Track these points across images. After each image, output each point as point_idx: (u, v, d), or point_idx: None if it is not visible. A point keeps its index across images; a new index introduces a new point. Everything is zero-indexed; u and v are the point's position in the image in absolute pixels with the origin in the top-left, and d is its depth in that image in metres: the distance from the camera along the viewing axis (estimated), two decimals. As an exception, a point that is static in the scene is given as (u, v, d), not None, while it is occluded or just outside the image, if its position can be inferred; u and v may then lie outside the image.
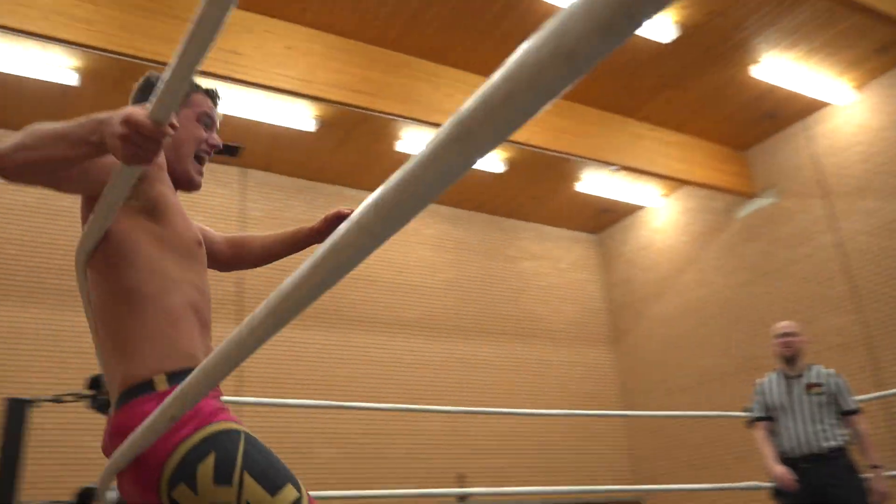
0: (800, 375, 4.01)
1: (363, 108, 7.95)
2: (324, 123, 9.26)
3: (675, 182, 10.54)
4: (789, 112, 9.75)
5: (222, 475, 1.33)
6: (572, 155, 9.21)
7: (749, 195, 10.39)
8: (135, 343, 1.48)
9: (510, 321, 11.67)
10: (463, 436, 10.47)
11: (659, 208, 11.87)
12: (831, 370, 4.02)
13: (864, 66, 8.89)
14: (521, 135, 8.67)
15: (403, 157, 10.65)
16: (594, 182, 10.95)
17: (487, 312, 11.55)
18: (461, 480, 10.04)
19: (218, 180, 9.85)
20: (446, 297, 11.31)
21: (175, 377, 1.44)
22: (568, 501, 10.71)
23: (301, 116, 8.96)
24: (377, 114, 8.14)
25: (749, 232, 10.43)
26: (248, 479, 1.33)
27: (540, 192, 11.53)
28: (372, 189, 9.15)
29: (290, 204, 10.56)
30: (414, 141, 9.94)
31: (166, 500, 1.34)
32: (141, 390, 1.43)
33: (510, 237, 12.25)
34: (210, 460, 1.34)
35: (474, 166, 0.53)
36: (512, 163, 10.45)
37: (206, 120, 1.73)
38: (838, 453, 3.85)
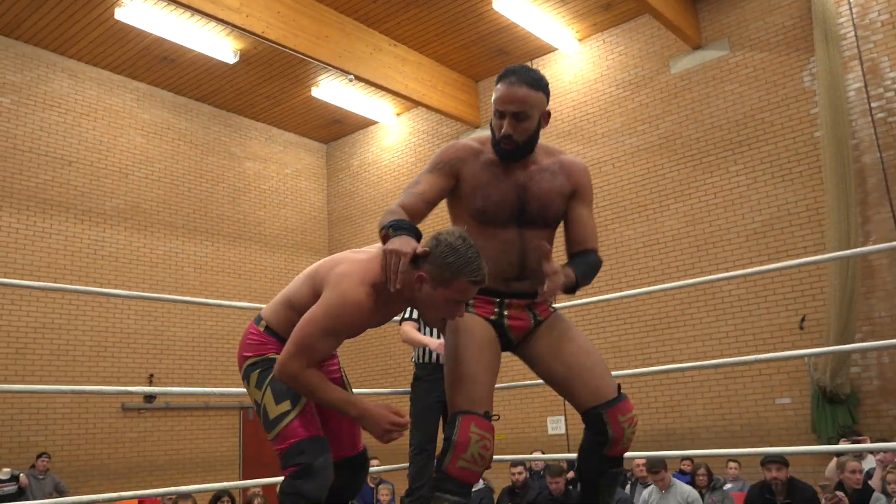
0: None
1: (287, 48, 8.46)
2: (245, 58, 9.83)
3: (409, 102, 10.66)
4: (520, 51, 10.28)
5: (259, 384, 2.14)
6: (309, 57, 8.83)
7: (475, 125, 10.88)
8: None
9: (226, 222, 11.15)
10: (157, 335, 9.90)
11: (390, 126, 11.99)
12: None
13: (589, 20, 9.61)
14: (257, 25, 8.11)
15: (318, 103, 11.16)
16: (330, 90, 10.69)
17: (203, 210, 10.90)
18: (151, 382, 9.53)
19: (153, 97, 10.65)
20: (158, 188, 10.43)
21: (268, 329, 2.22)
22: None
23: (224, 48, 9.53)
24: (298, 54, 8.67)
25: (469, 161, 10.95)
26: (268, 391, 2.10)
27: (273, 92, 11.00)
28: (287, 129, 8.07)
29: (212, 130, 11.34)
30: (330, 91, 10.64)
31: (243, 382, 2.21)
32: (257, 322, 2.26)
33: (237, 135, 11.59)
34: (256, 373, 2.16)
35: (204, 51, 0.32)
36: (246, 56, 9.78)
37: (457, 302, 1.97)
38: None
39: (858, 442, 6.17)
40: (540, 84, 2.18)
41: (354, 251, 2.17)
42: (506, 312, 2.25)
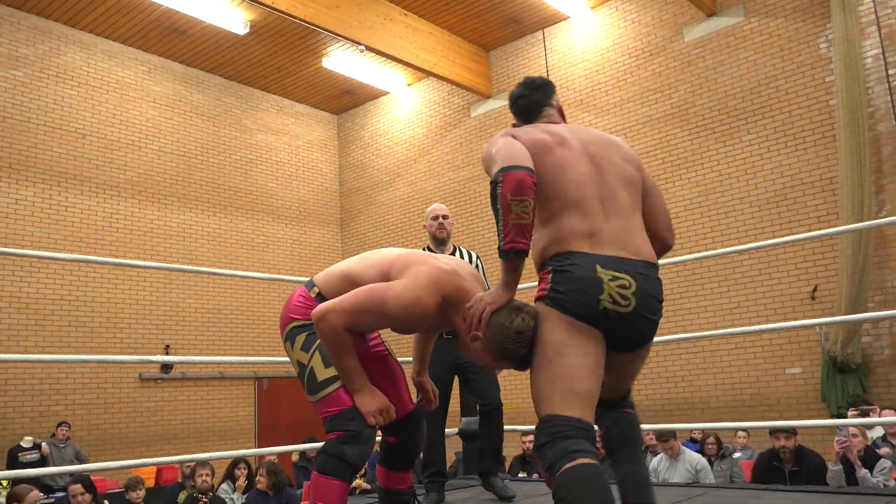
0: (450, 255, 4.22)
1: (298, 18, 8.51)
2: (256, 29, 9.80)
3: (421, 72, 10.61)
4: (532, 20, 10.18)
5: (306, 346, 2.18)
6: (320, 28, 8.79)
7: (486, 95, 10.82)
8: None
9: (239, 193, 11.20)
10: (173, 307, 10.03)
11: (401, 97, 11.94)
12: (474, 252, 4.21)
13: (599, -12, 9.48)
14: (267, -4, 8.08)
15: (329, 74, 11.10)
16: (341, 61, 10.65)
17: (215, 182, 10.95)
18: (167, 352, 9.68)
19: (164, 69, 10.69)
20: (171, 161, 10.48)
21: (319, 296, 2.24)
22: (278, 373, 10.88)
23: (234, 19, 9.52)
24: (309, 24, 8.72)
25: (481, 131, 10.93)
26: (317, 354, 2.15)
27: (284, 63, 10.97)
28: (298, 100, 8.72)
29: (223, 101, 11.35)
30: (341, 61, 10.60)
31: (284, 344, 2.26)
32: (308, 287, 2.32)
33: (248, 106, 11.59)
34: (303, 335, 2.19)
35: (215, 23, 0.34)
36: (256, 26, 9.74)
37: (491, 368, 2.12)
38: None
39: (868, 412, 6.20)
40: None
41: (435, 256, 2.20)
42: None
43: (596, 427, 2.04)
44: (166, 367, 9.68)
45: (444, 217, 4.03)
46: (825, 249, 7.76)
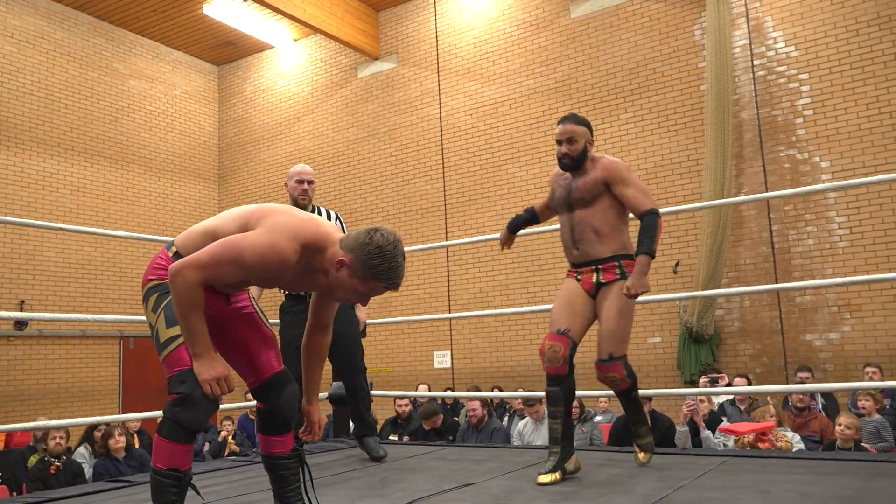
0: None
1: None
2: None
3: (308, 28, 10.29)
4: (422, -17, 10.07)
5: (156, 307, 2.12)
6: (200, -30, 8.34)
7: (374, 56, 10.66)
8: None
9: (107, 142, 10.54)
10: (29, 259, 9.37)
11: (287, 52, 11.56)
12: (333, 211, 4.14)
13: (491, -44, 9.48)
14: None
15: (210, 22, 10.48)
16: (223, 8, 10.14)
17: (81, 128, 10.24)
18: (22, 309, 9.06)
19: (24, 1, 9.91)
20: (31, 102, 9.70)
21: (177, 255, 2.17)
22: (146, 333, 10.43)
23: None
24: None
25: (367, 93, 10.78)
26: (162, 314, 2.09)
27: (162, 7, 10.33)
28: (176, 47, 7.65)
29: (92, 42, 10.67)
30: (223, 9, 10.07)
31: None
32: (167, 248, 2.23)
33: (120, 50, 10.87)
34: (156, 296, 2.14)
35: None
36: (129, -38, 9.11)
37: (364, 295, 2.11)
38: None
39: (717, 379, 6.69)
40: (582, 120, 3.22)
41: (291, 208, 2.18)
42: (580, 276, 3.17)
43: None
44: (20, 323, 9.06)
45: (310, 182, 3.93)
46: (688, 227, 8.24)
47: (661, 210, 2.99)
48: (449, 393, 8.03)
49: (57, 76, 10.04)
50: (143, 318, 4.10)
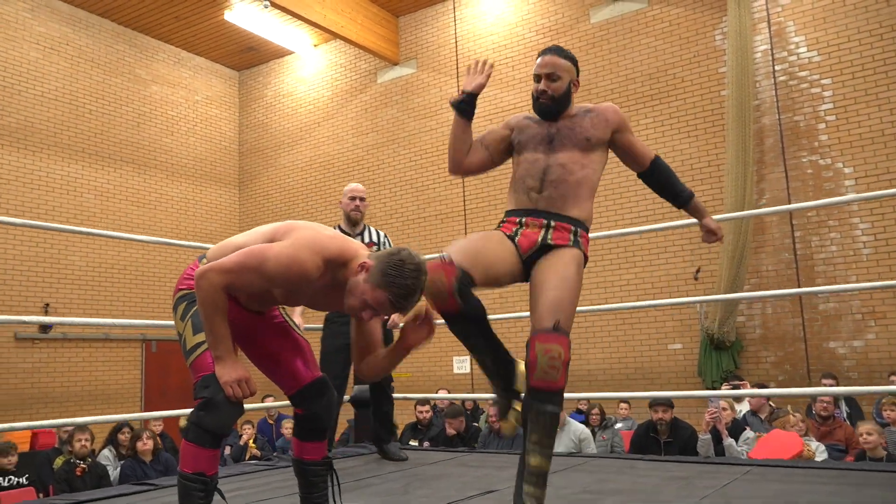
0: (360, 234, 4.27)
1: None
2: None
3: (328, 33, 10.35)
4: (442, -11, 10.11)
5: (184, 314, 2.16)
6: (223, -23, 8.43)
7: (394, 62, 10.70)
8: None
9: (130, 147, 10.66)
10: (54, 263, 9.49)
11: (307, 57, 11.64)
12: (382, 231, 4.37)
13: (511, -38, 9.50)
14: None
15: (231, 28, 10.45)
16: (244, 14, 10.24)
17: (104, 133, 10.37)
18: (47, 312, 9.17)
19: (50, 8, 9.95)
20: (55, 108, 9.84)
21: None
22: (168, 336, 10.53)
23: None
24: None
25: (386, 98, 10.82)
26: (189, 322, 2.14)
27: (183, 13, 10.44)
28: (198, 53, 7.83)
29: (115, 49, 10.79)
30: (244, 15, 10.15)
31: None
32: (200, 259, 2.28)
33: (143, 56, 10.99)
34: (184, 304, 2.18)
35: None
36: (153, -30, 9.23)
37: (370, 307, 2.06)
38: None
39: (739, 386, 6.64)
40: (568, 54, 2.66)
41: (318, 225, 2.23)
42: (521, 231, 2.50)
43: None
44: (45, 326, 9.17)
45: (362, 199, 4.20)
46: (709, 233, 8.18)
47: (684, 221, 2.95)
48: (469, 395, 8.03)
49: (81, 82, 10.17)
50: (165, 321, 4.14)
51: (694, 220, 4.04)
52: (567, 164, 2.51)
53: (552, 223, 2.48)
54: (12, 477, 5.39)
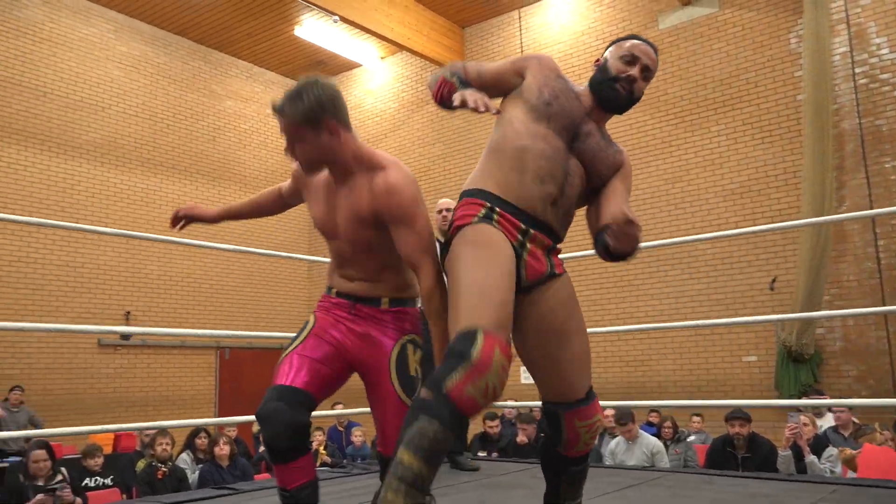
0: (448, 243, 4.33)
1: None
2: None
3: (394, 46, 10.50)
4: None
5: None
6: (294, -6, 8.65)
7: (459, 73, 10.75)
8: None
9: (205, 160, 11.02)
10: (134, 273, 9.87)
11: (374, 70, 11.82)
12: None
13: (577, -30, 9.46)
14: (240, -42, 7.91)
15: (301, 43, 10.90)
16: (314, 29, 10.48)
17: (181, 147, 10.75)
18: (128, 319, 9.54)
19: (131, 28, 10.36)
20: (136, 124, 10.25)
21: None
22: (240, 344, 10.81)
23: None
24: None
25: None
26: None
27: (256, 30, 10.76)
28: (269, 68, 8.09)
29: (191, 65, 11.19)
30: (313, 30, 10.46)
31: None
32: None
33: (217, 72, 11.37)
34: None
35: None
36: (227, -11, 9.54)
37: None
38: None
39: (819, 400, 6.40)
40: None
41: None
42: (528, 245, 1.91)
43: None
44: (126, 336, 9.55)
45: (448, 210, 4.32)
46: (786, 242, 7.94)
47: (758, 227, 2.80)
48: (537, 403, 7.97)
49: (160, 98, 10.58)
50: (236, 331, 4.24)
51: (769, 226, 3.94)
52: (579, 178, 1.98)
53: (555, 246, 2.00)
54: (98, 478, 5.62)
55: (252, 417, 4.52)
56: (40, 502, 4.46)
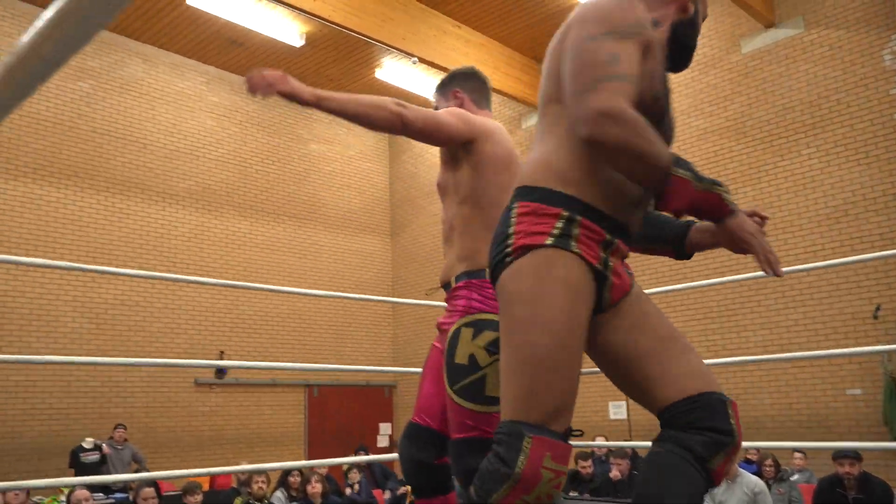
0: None
1: (352, 30, 8.49)
2: (311, 41, 9.99)
3: (472, 84, 10.63)
4: (584, 32, 10.13)
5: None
6: (374, 40, 8.90)
7: (536, 107, 10.79)
8: None
9: (292, 203, 11.40)
10: (227, 313, 10.24)
11: (453, 108, 11.99)
12: None
13: None
14: (323, 9, 8.22)
15: (382, 85, 10.94)
16: (394, 72, 10.75)
17: (270, 191, 11.16)
18: (221, 358, 9.87)
19: (222, 80, 10.86)
20: (228, 170, 10.72)
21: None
22: (328, 381, 11.01)
23: (290, 31, 9.68)
24: (363, 36, 8.61)
25: (530, 143, 10.86)
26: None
27: (338, 75, 11.13)
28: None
29: (277, 111, 11.64)
30: (394, 72, 10.66)
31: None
32: None
33: (301, 116, 11.79)
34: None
35: (271, 35, 0.39)
36: (312, 38, 9.92)
37: None
38: None
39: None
40: None
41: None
42: (611, 263, 1.58)
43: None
44: (220, 372, 9.89)
45: None
46: (888, 268, 7.54)
47: (862, 257, 2.67)
48: (627, 443, 7.76)
49: (249, 144, 11.04)
50: (325, 365, 4.34)
51: (872, 255, 3.70)
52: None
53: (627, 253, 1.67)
54: (197, 515, 5.80)
55: (339, 460, 4.61)
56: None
